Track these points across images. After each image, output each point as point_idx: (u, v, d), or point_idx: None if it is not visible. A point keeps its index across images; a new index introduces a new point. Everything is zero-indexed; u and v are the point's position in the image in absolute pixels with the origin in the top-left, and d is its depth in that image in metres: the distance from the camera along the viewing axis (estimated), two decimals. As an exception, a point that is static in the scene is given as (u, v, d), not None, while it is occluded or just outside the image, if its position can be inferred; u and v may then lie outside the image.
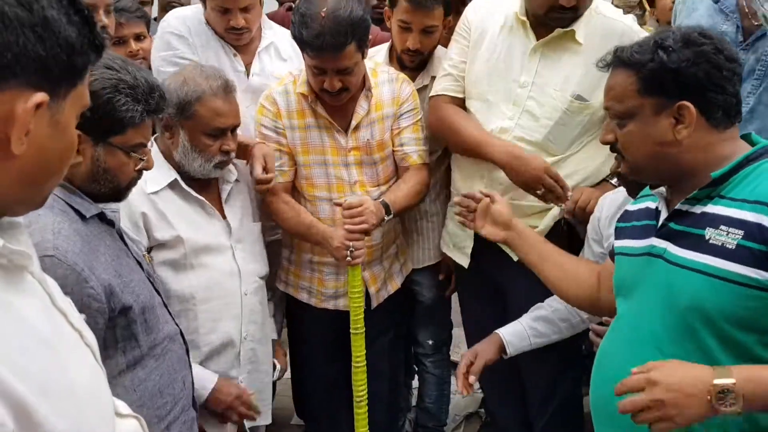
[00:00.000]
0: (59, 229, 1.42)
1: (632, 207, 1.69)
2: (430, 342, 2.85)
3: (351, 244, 2.17)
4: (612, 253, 1.74)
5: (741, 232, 1.36)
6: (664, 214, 1.53)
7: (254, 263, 2.21)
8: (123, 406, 1.06)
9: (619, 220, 1.71)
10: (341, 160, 2.36)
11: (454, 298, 2.79)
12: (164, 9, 3.35)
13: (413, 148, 2.41)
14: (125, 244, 1.62)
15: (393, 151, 2.41)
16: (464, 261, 2.46)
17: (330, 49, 2.12)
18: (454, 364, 3.34)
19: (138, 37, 2.79)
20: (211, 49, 2.50)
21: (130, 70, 1.53)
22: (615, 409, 1.33)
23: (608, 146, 1.59)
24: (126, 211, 1.90)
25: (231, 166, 2.19)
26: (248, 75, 2.53)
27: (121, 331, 1.52)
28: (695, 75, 1.42)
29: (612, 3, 3.13)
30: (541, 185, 2.16)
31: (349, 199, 2.20)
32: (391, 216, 2.30)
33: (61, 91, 0.85)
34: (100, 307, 1.44)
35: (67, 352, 0.90)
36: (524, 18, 2.25)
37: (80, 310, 1.05)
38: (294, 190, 2.41)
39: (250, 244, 2.21)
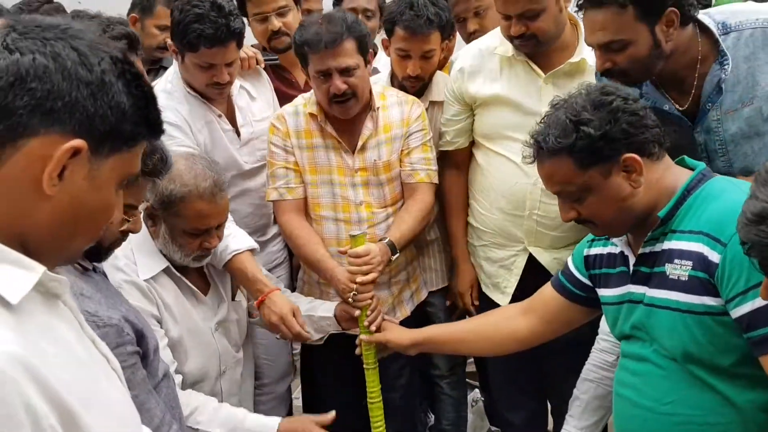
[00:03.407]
0: (79, 290, 1.42)
1: (592, 251, 1.75)
2: (446, 364, 2.84)
3: (355, 287, 2.17)
4: (555, 285, 1.84)
5: (690, 263, 1.45)
6: (632, 260, 1.59)
7: (235, 339, 2.20)
8: (147, 431, 1.11)
9: (587, 267, 1.76)
10: (348, 181, 2.39)
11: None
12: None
13: (422, 167, 2.44)
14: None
15: (401, 170, 2.43)
16: (504, 300, 2.47)
17: (329, 43, 2.20)
18: (471, 375, 3.38)
19: None
20: (198, 116, 2.48)
21: None
22: None
23: None
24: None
25: None
26: (237, 132, 2.56)
27: None
28: (621, 129, 1.48)
29: None
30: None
31: (354, 249, 2.19)
32: (397, 255, 2.31)
33: (103, 150, 0.90)
34: (135, 350, 1.48)
35: (100, 375, 0.96)
36: (522, 57, 2.29)
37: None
38: None
39: (232, 322, 2.19)
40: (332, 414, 2.01)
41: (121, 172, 0.94)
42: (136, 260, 1.92)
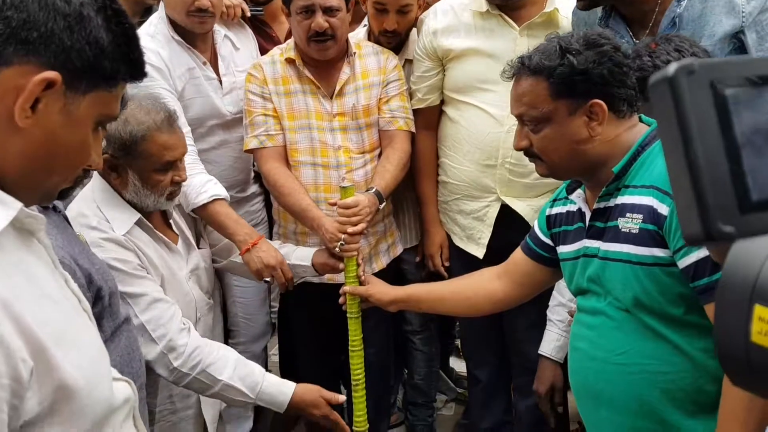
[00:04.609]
0: None
1: (553, 210, 1.78)
2: (418, 319, 2.88)
3: (343, 237, 2.18)
4: (523, 247, 1.87)
5: (640, 216, 1.47)
6: (588, 215, 1.61)
7: (205, 286, 2.21)
8: (114, 371, 1.12)
9: (548, 227, 1.79)
10: (326, 126, 2.40)
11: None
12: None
13: (401, 115, 2.47)
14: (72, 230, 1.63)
15: (379, 117, 2.45)
16: (479, 252, 2.51)
17: None
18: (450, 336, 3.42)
19: None
20: (181, 62, 2.47)
21: None
22: (593, 392, 1.57)
23: None
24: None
25: None
26: (220, 81, 2.55)
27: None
28: (601, 74, 1.50)
29: None
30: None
31: (344, 200, 2.21)
32: (383, 203, 2.34)
33: (80, 86, 0.89)
34: (85, 295, 1.45)
35: (71, 312, 0.97)
36: (497, 11, 2.33)
37: None
38: None
39: (202, 270, 2.20)
40: (342, 398, 2.03)
41: (100, 111, 0.93)
42: (107, 216, 1.90)
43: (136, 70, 0.96)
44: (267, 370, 3.14)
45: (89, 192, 1.93)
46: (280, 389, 1.95)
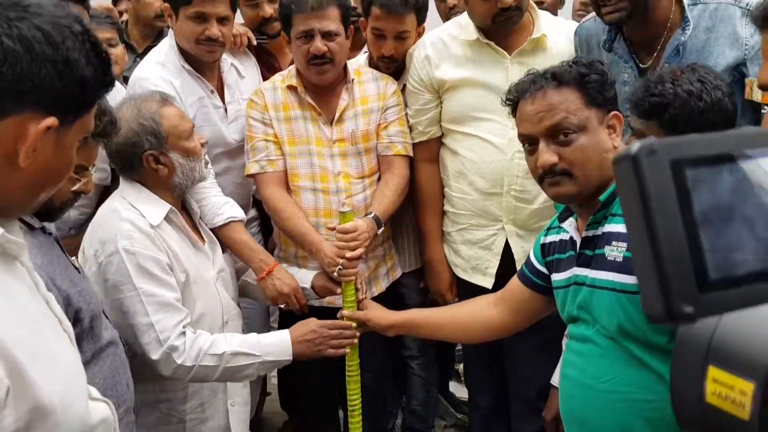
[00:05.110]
0: None
1: (548, 239, 1.79)
2: (417, 344, 2.88)
3: (342, 261, 2.21)
4: (520, 275, 1.88)
5: (624, 245, 1.48)
6: (579, 243, 1.63)
7: (232, 292, 2.25)
8: (94, 391, 1.16)
9: (543, 255, 1.80)
10: (326, 151, 2.43)
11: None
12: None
13: (399, 139, 2.49)
14: (64, 252, 1.65)
15: (378, 143, 2.48)
16: (487, 282, 2.48)
17: (315, 5, 2.30)
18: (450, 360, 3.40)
19: (109, 43, 2.84)
20: (191, 90, 2.51)
21: None
22: (580, 419, 1.57)
23: None
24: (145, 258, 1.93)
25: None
26: (225, 108, 2.59)
27: None
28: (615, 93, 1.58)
29: None
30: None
31: (343, 225, 2.24)
32: (382, 228, 2.37)
33: (70, 119, 0.96)
34: None
35: (50, 333, 1.01)
36: (486, 40, 2.35)
37: None
38: None
39: (227, 273, 2.24)
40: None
41: (83, 130, 1.00)
42: (140, 210, 1.98)
43: (110, 86, 1.02)
44: (266, 393, 3.18)
45: (119, 194, 2.04)
46: (278, 335, 2.10)
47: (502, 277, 2.40)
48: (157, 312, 1.90)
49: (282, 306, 2.34)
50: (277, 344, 2.07)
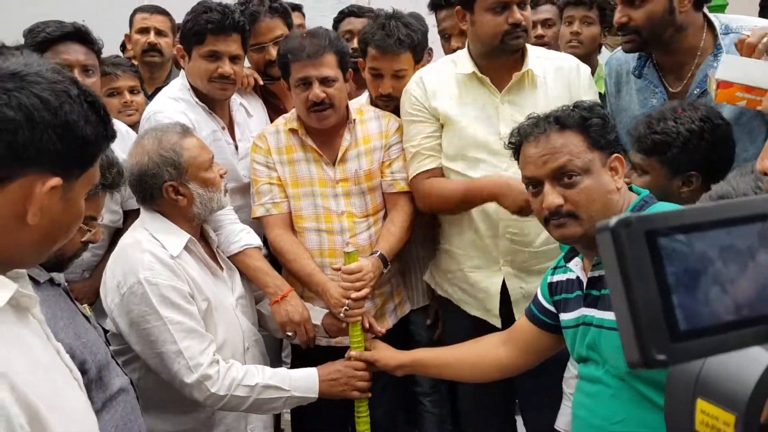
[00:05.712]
0: None
1: (555, 278, 1.78)
2: (428, 381, 2.84)
3: (347, 302, 2.21)
4: (528, 314, 1.87)
5: None
6: (585, 283, 1.63)
7: (251, 318, 2.28)
8: None
9: (550, 294, 1.79)
10: (330, 192, 2.45)
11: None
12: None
13: (401, 176, 2.49)
14: (73, 302, 1.67)
15: (382, 180, 2.48)
16: (498, 322, 2.41)
17: (312, 53, 2.32)
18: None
19: (132, 90, 2.92)
20: (205, 125, 2.54)
21: None
22: None
23: None
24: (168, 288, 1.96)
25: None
26: (236, 146, 2.63)
27: None
28: (617, 137, 1.60)
29: (606, 43, 3.23)
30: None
31: (348, 266, 2.24)
32: (388, 267, 2.37)
33: (74, 174, 1.00)
34: None
35: (63, 382, 1.04)
36: (482, 75, 2.34)
37: None
38: None
39: (245, 299, 2.27)
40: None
41: (89, 183, 1.04)
42: (160, 240, 2.02)
43: (111, 139, 1.06)
44: (281, 430, 3.15)
45: (140, 224, 2.09)
46: (307, 371, 2.14)
47: (504, 316, 2.39)
48: (184, 339, 1.94)
49: (289, 334, 2.33)
50: (305, 379, 2.12)
